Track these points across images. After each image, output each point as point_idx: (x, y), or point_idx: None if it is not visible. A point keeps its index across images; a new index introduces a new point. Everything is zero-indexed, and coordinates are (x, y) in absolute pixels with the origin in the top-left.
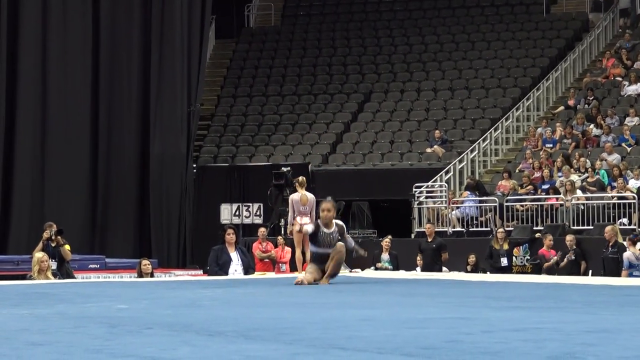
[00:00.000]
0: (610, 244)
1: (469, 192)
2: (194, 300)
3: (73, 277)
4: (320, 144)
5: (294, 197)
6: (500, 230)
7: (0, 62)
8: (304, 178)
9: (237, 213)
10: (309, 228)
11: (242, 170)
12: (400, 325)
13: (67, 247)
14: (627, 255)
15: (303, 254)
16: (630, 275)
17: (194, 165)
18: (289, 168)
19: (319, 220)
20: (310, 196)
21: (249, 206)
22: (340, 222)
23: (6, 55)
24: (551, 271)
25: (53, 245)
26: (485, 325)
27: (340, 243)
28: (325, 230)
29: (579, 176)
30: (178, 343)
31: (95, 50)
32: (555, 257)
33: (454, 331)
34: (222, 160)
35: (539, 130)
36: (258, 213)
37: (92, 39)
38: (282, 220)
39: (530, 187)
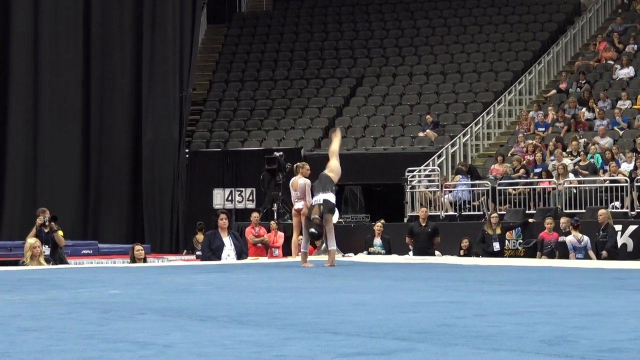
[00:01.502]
0: (602, 227)
1: (461, 176)
2: (187, 286)
3: (66, 263)
4: (312, 128)
5: (291, 181)
6: (494, 215)
7: None
8: (300, 164)
9: (229, 198)
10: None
11: (234, 155)
12: (392, 309)
13: (60, 232)
14: (570, 239)
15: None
16: (578, 257)
17: (187, 151)
18: (281, 153)
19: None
20: (302, 181)
21: (241, 191)
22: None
23: None
24: (552, 254)
25: (46, 231)
26: (478, 309)
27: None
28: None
29: (571, 160)
30: (170, 328)
31: (87, 36)
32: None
33: (446, 315)
34: (215, 145)
35: (531, 113)
36: (251, 198)
37: (83, 24)
38: (275, 205)
39: (522, 170)
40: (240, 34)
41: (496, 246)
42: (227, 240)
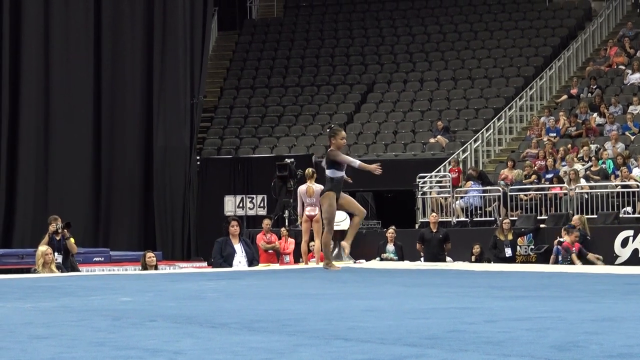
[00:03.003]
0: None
1: (472, 182)
2: (198, 293)
3: (78, 271)
4: (323, 134)
5: (301, 188)
6: (506, 221)
7: (3, 57)
8: (311, 170)
9: (240, 205)
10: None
11: (245, 162)
12: (403, 315)
13: (72, 240)
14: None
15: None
16: (559, 262)
17: (198, 158)
18: (292, 159)
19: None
20: (317, 188)
21: (252, 198)
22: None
23: (9, 47)
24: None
25: (58, 238)
26: (489, 315)
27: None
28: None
29: (583, 165)
30: (181, 335)
31: (98, 43)
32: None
33: (457, 321)
34: (226, 152)
35: (542, 119)
36: (262, 205)
37: (94, 31)
38: (286, 211)
39: (534, 176)
40: (251, 40)
41: (508, 252)
42: (238, 247)
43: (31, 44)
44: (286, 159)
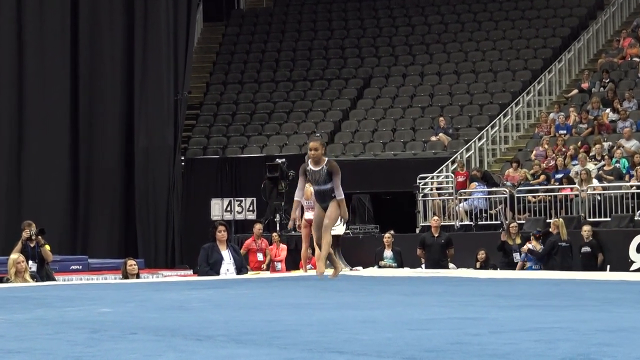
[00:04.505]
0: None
1: (477, 183)
2: (183, 303)
3: (54, 280)
4: (316, 132)
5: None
6: (513, 224)
7: None
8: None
9: (228, 208)
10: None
11: (233, 163)
12: (402, 326)
13: (48, 247)
14: (526, 248)
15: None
16: (529, 268)
17: (182, 158)
18: (283, 160)
19: (306, 158)
20: None
21: (241, 201)
22: (333, 162)
23: None
24: None
25: (32, 245)
26: (494, 326)
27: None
28: (312, 167)
29: (595, 164)
30: (164, 349)
31: (74, 36)
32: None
33: (460, 332)
34: (212, 152)
35: (552, 115)
36: (251, 208)
37: (70, 22)
38: (277, 215)
39: (543, 177)
40: (239, 32)
41: (517, 257)
42: (225, 254)
43: (3, 39)
44: (277, 159)
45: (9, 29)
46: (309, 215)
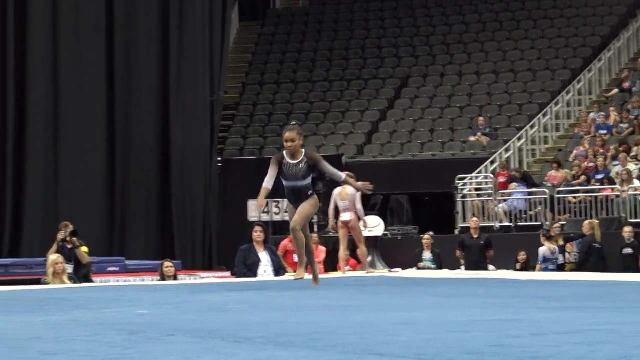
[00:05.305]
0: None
1: (516, 184)
2: (220, 305)
3: (91, 281)
4: (354, 133)
5: (335, 191)
6: (556, 226)
7: (8, 53)
8: (346, 172)
9: (266, 210)
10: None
11: (270, 163)
12: (441, 328)
13: (85, 249)
14: (543, 250)
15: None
16: (545, 269)
17: (219, 159)
18: None
19: (283, 150)
20: (351, 191)
21: (278, 202)
22: (313, 153)
23: (14, 45)
24: None
25: (69, 247)
26: (535, 328)
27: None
28: (290, 160)
29: (636, 165)
30: (202, 351)
31: (110, 37)
32: None
33: (500, 334)
34: (249, 152)
35: (592, 115)
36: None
37: (106, 24)
38: (315, 217)
39: (583, 177)
40: (275, 32)
41: (560, 258)
42: (263, 256)
43: (39, 38)
44: None
45: (45, 31)
46: (345, 216)
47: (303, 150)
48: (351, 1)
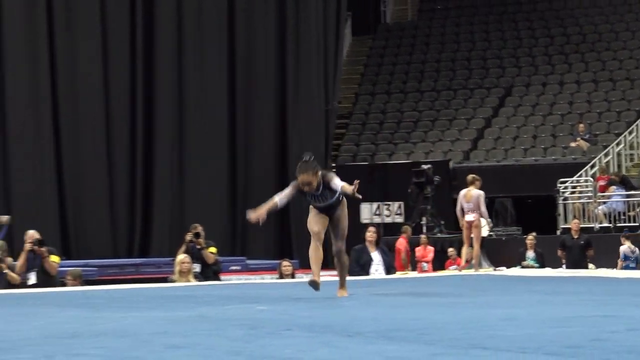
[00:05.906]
0: None
1: (615, 187)
2: (334, 301)
3: (217, 280)
4: (461, 140)
5: (460, 193)
6: None
7: (137, 70)
8: (471, 176)
9: (377, 212)
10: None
11: (381, 169)
12: (543, 324)
13: (213, 249)
14: (623, 248)
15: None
16: (626, 267)
17: (333, 165)
18: (429, 165)
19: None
20: (476, 193)
21: (389, 205)
22: (325, 173)
23: (142, 62)
24: None
25: (199, 247)
26: (631, 323)
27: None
28: (312, 192)
29: None
30: (317, 344)
31: (231, 52)
32: None
33: (598, 329)
34: (362, 159)
35: None
36: (399, 212)
37: (228, 40)
38: (424, 218)
39: None
40: (385, 45)
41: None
42: (375, 255)
43: (164, 55)
44: (423, 165)
45: (172, 49)
46: (469, 217)
47: (318, 176)
48: (457, 15)
